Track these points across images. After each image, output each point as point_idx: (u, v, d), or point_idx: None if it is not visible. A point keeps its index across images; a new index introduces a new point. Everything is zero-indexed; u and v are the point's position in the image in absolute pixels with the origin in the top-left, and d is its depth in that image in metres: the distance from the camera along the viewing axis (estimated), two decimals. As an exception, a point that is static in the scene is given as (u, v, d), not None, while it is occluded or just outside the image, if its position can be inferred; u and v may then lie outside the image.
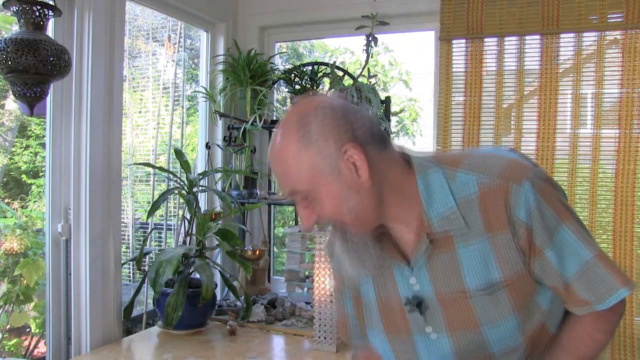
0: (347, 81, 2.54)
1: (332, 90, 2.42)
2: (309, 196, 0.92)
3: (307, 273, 2.58)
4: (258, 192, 2.66)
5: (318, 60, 3.12)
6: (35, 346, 2.60)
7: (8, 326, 2.46)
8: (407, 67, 5.68)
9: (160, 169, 2.29)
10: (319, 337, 2.00)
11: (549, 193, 0.94)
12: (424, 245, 0.96)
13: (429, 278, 0.98)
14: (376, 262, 0.97)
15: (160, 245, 3.03)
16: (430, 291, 0.98)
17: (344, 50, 5.61)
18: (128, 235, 3.02)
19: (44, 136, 2.60)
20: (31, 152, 3.37)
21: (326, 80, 2.68)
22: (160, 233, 3.03)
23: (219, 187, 2.74)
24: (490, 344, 0.99)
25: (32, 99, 1.59)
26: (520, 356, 1.02)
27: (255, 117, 2.53)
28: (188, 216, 2.30)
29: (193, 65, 3.52)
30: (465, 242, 0.95)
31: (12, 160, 3.29)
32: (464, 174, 0.95)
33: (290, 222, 4.61)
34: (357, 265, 0.97)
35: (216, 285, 2.14)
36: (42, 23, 1.59)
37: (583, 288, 0.93)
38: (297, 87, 2.65)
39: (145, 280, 2.20)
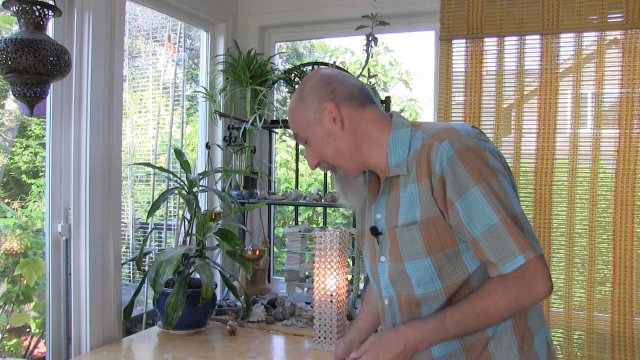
0: (347, 81, 2.54)
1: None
2: (307, 141, 1.25)
3: (307, 273, 2.57)
4: (258, 192, 2.66)
5: (318, 60, 3.12)
6: (35, 346, 2.60)
7: (8, 326, 2.46)
8: (407, 67, 5.68)
9: (160, 169, 2.28)
10: (319, 337, 2.00)
11: (468, 157, 1.09)
12: (383, 184, 1.23)
13: (385, 211, 1.22)
14: (357, 195, 1.26)
15: (160, 245, 3.03)
16: (384, 223, 1.22)
17: (344, 50, 5.62)
18: (128, 235, 3.02)
19: (44, 136, 2.60)
20: (31, 152, 3.37)
21: (326, 80, 2.68)
22: (160, 233, 3.03)
23: (219, 187, 2.74)
24: (413, 283, 1.17)
25: (32, 99, 1.59)
26: (439, 306, 1.16)
27: (255, 117, 2.53)
28: (188, 216, 2.30)
29: (193, 65, 3.52)
30: (404, 185, 1.18)
31: (12, 160, 3.29)
32: (420, 132, 1.19)
33: (291, 222, 4.61)
34: (342, 196, 1.28)
35: (216, 285, 2.14)
36: (42, 23, 1.59)
37: (488, 248, 1.07)
38: (297, 87, 2.64)
39: (145, 280, 2.20)
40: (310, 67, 2.67)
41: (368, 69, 2.44)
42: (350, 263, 2.41)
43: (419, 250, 1.14)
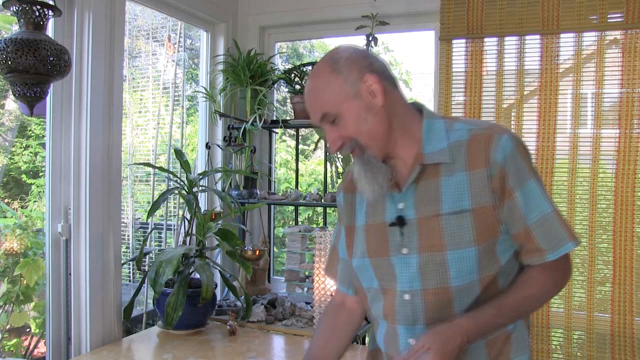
0: (347, 81, 2.54)
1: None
2: (336, 119, 1.13)
3: (307, 273, 2.57)
4: (258, 192, 2.66)
5: (318, 60, 3.11)
6: (35, 346, 2.60)
7: (8, 326, 2.46)
8: (407, 67, 5.68)
9: (160, 169, 2.28)
10: (319, 337, 2.00)
11: (523, 152, 1.14)
12: (416, 171, 1.15)
13: (414, 201, 1.16)
14: (387, 178, 1.16)
15: (160, 245, 3.03)
16: (412, 212, 1.16)
17: (344, 50, 5.60)
18: (128, 235, 3.02)
19: (44, 136, 2.60)
20: (31, 152, 3.37)
21: (326, 80, 2.67)
22: (160, 233, 3.03)
23: (219, 187, 2.74)
24: (450, 274, 1.12)
25: (32, 99, 1.59)
26: (472, 301, 1.13)
27: (255, 117, 2.53)
28: (188, 216, 2.30)
29: (193, 65, 3.52)
30: (448, 174, 1.14)
31: (12, 160, 3.29)
32: (461, 124, 1.17)
33: (291, 222, 4.61)
34: (371, 181, 1.16)
35: (216, 285, 2.14)
36: (42, 23, 1.59)
37: (540, 236, 1.11)
38: (297, 87, 2.65)
39: (145, 280, 2.20)
40: (310, 67, 2.67)
41: (368, 69, 2.44)
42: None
43: (467, 239, 1.11)
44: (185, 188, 2.21)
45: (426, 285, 1.14)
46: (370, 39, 2.37)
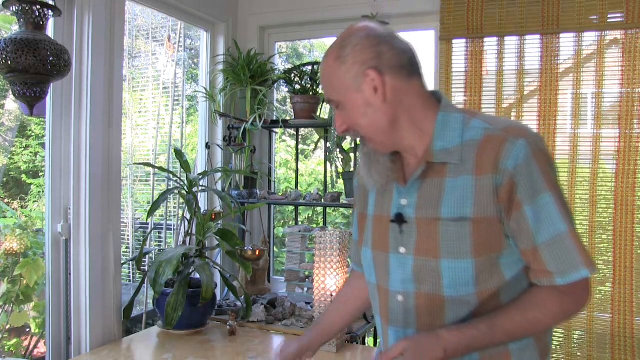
0: (347, 81, 2.54)
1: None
2: (340, 105, 1.11)
3: (307, 273, 2.57)
4: (258, 192, 2.66)
5: (318, 60, 3.11)
6: (35, 346, 2.60)
7: (8, 326, 2.46)
8: (407, 67, 5.67)
9: (160, 169, 2.28)
10: (319, 337, 2.00)
11: (542, 160, 1.01)
12: (421, 167, 1.08)
13: (416, 199, 1.10)
14: (383, 174, 1.13)
15: (160, 245, 3.02)
16: (413, 211, 1.10)
17: (344, 50, 5.60)
18: (128, 235, 3.02)
19: (44, 136, 2.60)
20: (31, 152, 3.37)
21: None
22: (160, 233, 3.03)
23: (219, 187, 2.74)
24: (444, 283, 1.05)
25: (32, 99, 1.59)
26: (467, 313, 1.06)
27: (255, 117, 2.53)
28: (188, 216, 2.30)
29: (193, 65, 3.52)
30: (454, 174, 1.05)
31: (12, 160, 3.29)
32: (478, 121, 1.07)
33: (291, 222, 4.61)
34: (366, 173, 1.15)
35: (216, 285, 2.14)
36: (42, 23, 1.59)
37: (550, 257, 1.00)
38: (297, 87, 2.65)
39: (145, 280, 2.20)
40: (310, 67, 2.67)
41: (368, 69, 2.44)
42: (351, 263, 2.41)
43: (464, 250, 1.03)
44: (185, 188, 2.21)
45: (419, 289, 1.09)
46: (370, 39, 2.36)
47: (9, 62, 1.51)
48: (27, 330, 2.60)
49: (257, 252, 2.46)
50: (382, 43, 1.06)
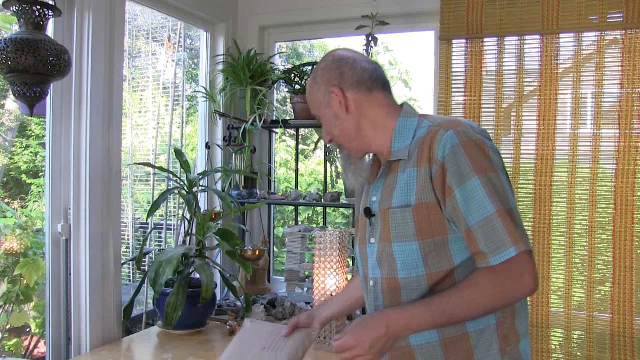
0: (347, 81, 2.54)
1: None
2: (320, 119, 1.31)
3: (307, 273, 2.57)
4: (258, 192, 2.66)
5: (318, 60, 3.11)
6: (35, 346, 2.60)
7: (8, 326, 2.46)
8: (407, 67, 5.67)
9: (160, 169, 2.28)
10: (319, 337, 2.00)
11: (471, 148, 1.12)
12: (383, 167, 1.26)
13: (380, 195, 1.25)
14: (356, 174, 1.31)
15: (160, 245, 3.02)
16: (377, 206, 1.25)
17: (344, 50, 5.60)
18: (128, 235, 3.02)
19: (44, 136, 2.60)
20: (31, 152, 3.37)
21: (326, 80, 2.67)
22: (160, 233, 3.03)
23: (219, 187, 2.74)
24: (398, 266, 1.18)
25: (32, 99, 1.59)
26: (419, 295, 1.16)
27: (255, 117, 2.53)
28: (188, 216, 2.30)
29: (193, 65, 3.52)
30: (403, 169, 1.20)
31: (12, 160, 3.29)
32: (427, 122, 1.23)
33: (291, 222, 4.61)
34: (344, 175, 1.33)
35: (216, 285, 2.14)
36: (42, 23, 1.59)
37: (481, 238, 1.08)
38: (297, 87, 2.65)
39: (145, 280, 2.20)
40: (310, 67, 2.67)
41: (368, 69, 2.44)
42: (350, 263, 2.41)
43: (409, 233, 1.16)
44: (185, 188, 2.21)
45: (382, 274, 1.22)
46: (370, 39, 2.37)
47: (9, 62, 1.51)
48: (27, 330, 2.60)
49: (257, 252, 2.46)
50: (344, 65, 1.26)
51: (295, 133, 2.93)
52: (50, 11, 1.60)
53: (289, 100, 2.74)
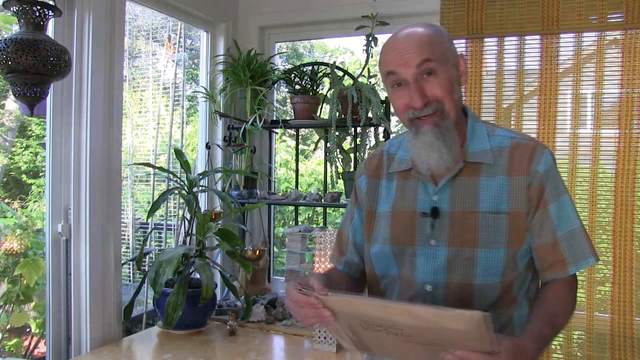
0: (347, 81, 2.54)
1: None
2: (433, 71, 1.13)
3: (307, 273, 2.58)
4: (258, 192, 2.66)
5: (318, 60, 3.11)
6: (35, 346, 2.60)
7: (8, 326, 2.46)
8: (407, 67, 5.66)
9: (160, 169, 2.28)
10: (319, 337, 2.00)
11: (557, 168, 1.22)
12: (458, 166, 1.18)
13: (449, 196, 1.19)
14: (454, 154, 1.16)
15: (160, 245, 3.02)
16: (447, 206, 1.19)
17: (343, 50, 5.61)
18: (128, 235, 3.02)
19: (44, 136, 2.60)
20: (31, 152, 3.37)
21: (326, 80, 2.68)
22: (160, 233, 3.03)
23: (219, 187, 2.74)
24: (477, 271, 1.15)
25: (32, 99, 1.59)
26: (490, 303, 1.16)
27: (255, 117, 2.53)
28: (188, 216, 2.30)
29: (193, 65, 3.52)
30: (488, 175, 1.18)
31: (12, 160, 3.29)
32: (503, 132, 1.24)
33: (291, 222, 4.61)
34: (441, 151, 1.15)
35: (216, 285, 2.14)
36: (42, 23, 1.59)
37: (566, 248, 1.16)
38: (297, 87, 2.65)
39: (145, 280, 2.20)
40: (310, 67, 2.67)
41: (368, 69, 2.45)
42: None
43: (500, 240, 1.15)
44: (185, 188, 2.21)
45: (451, 278, 1.17)
46: (370, 39, 2.37)
47: (9, 62, 1.51)
48: (27, 330, 2.60)
49: (257, 252, 2.46)
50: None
51: (295, 133, 2.93)
52: (50, 11, 1.61)
53: (289, 100, 2.74)
